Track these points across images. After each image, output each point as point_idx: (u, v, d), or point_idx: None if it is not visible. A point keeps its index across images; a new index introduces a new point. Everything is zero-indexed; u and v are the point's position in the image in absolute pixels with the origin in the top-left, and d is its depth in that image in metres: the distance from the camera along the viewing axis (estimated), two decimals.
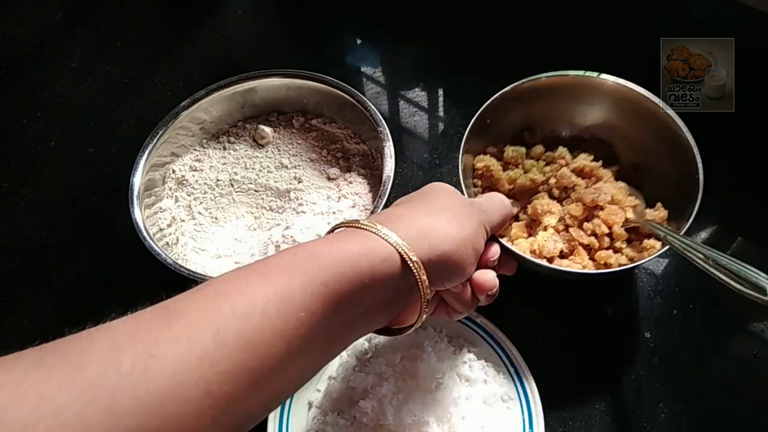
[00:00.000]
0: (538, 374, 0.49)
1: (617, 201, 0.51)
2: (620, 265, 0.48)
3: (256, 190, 0.61)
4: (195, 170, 0.62)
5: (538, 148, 0.57)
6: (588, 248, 0.50)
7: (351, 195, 0.58)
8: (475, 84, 0.64)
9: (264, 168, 0.62)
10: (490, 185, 0.55)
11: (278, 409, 0.47)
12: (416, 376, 0.48)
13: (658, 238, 0.47)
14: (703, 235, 0.59)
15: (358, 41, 0.80)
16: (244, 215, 0.60)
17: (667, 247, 0.45)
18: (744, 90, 0.62)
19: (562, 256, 0.51)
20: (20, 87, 0.74)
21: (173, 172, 0.61)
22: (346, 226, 0.36)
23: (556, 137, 0.59)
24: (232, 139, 0.64)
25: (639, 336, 0.53)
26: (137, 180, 0.55)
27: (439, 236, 0.36)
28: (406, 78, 0.74)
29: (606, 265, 0.49)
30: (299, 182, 0.60)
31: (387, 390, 0.47)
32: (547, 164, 0.56)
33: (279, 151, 0.63)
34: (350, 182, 0.59)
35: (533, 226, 0.53)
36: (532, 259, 0.47)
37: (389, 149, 0.56)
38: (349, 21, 0.80)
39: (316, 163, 0.62)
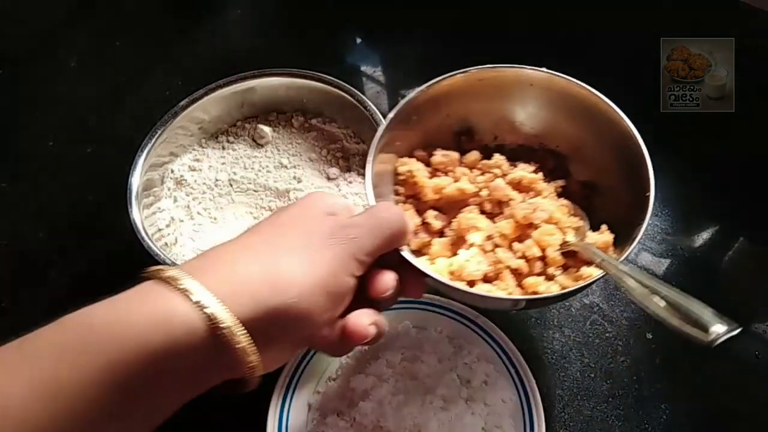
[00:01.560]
0: (539, 375, 0.48)
1: (555, 220, 0.44)
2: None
3: (255, 190, 0.60)
4: (194, 170, 0.61)
5: (473, 155, 0.50)
6: (517, 273, 0.43)
7: (351, 195, 0.58)
8: None
9: (263, 168, 0.61)
10: (414, 194, 0.49)
11: (277, 412, 0.47)
12: (416, 378, 0.48)
13: (595, 264, 0.41)
14: (705, 235, 0.59)
15: (358, 41, 0.80)
16: (243, 215, 0.60)
17: (603, 274, 0.39)
18: (744, 90, 0.62)
19: (488, 280, 0.43)
20: (18, 86, 0.74)
21: (172, 172, 0.61)
22: (149, 276, 0.28)
23: (500, 145, 0.52)
24: (231, 138, 0.64)
25: (641, 337, 0.53)
26: (136, 180, 0.55)
27: (274, 283, 0.28)
28: (406, 77, 0.74)
29: (535, 294, 0.42)
30: (299, 182, 0.59)
31: (387, 391, 0.47)
32: (483, 174, 0.49)
33: (278, 150, 0.63)
34: (350, 182, 0.59)
35: (459, 244, 0.45)
36: (445, 281, 0.39)
37: None
38: (348, 20, 0.80)
39: (315, 163, 0.62)
